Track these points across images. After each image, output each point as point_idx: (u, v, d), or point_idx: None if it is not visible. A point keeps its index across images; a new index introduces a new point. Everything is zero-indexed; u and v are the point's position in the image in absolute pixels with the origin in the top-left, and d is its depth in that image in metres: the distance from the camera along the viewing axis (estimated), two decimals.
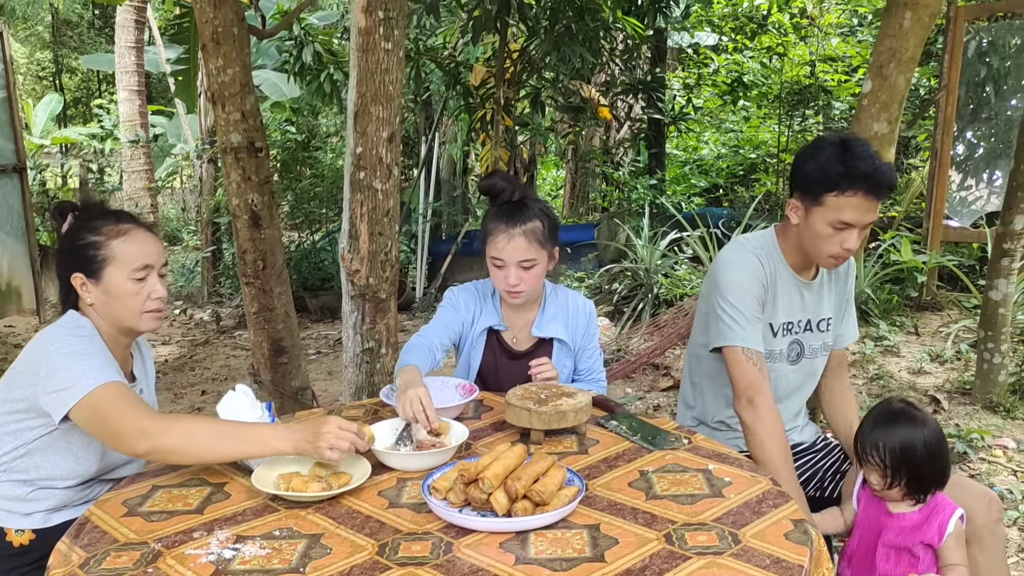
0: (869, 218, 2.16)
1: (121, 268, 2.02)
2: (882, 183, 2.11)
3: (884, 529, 2.11)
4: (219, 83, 3.60)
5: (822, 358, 2.48)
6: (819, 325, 2.44)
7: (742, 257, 2.34)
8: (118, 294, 2.03)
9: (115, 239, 2.03)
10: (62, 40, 20.37)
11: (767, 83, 9.36)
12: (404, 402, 2.00)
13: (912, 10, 2.97)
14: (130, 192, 10.39)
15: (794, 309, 2.39)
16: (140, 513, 1.70)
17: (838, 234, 2.17)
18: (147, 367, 2.29)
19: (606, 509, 1.69)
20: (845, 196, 2.12)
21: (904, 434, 2.04)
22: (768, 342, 2.37)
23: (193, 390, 5.82)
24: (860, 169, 2.09)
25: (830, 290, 2.46)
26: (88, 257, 2.02)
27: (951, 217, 7.06)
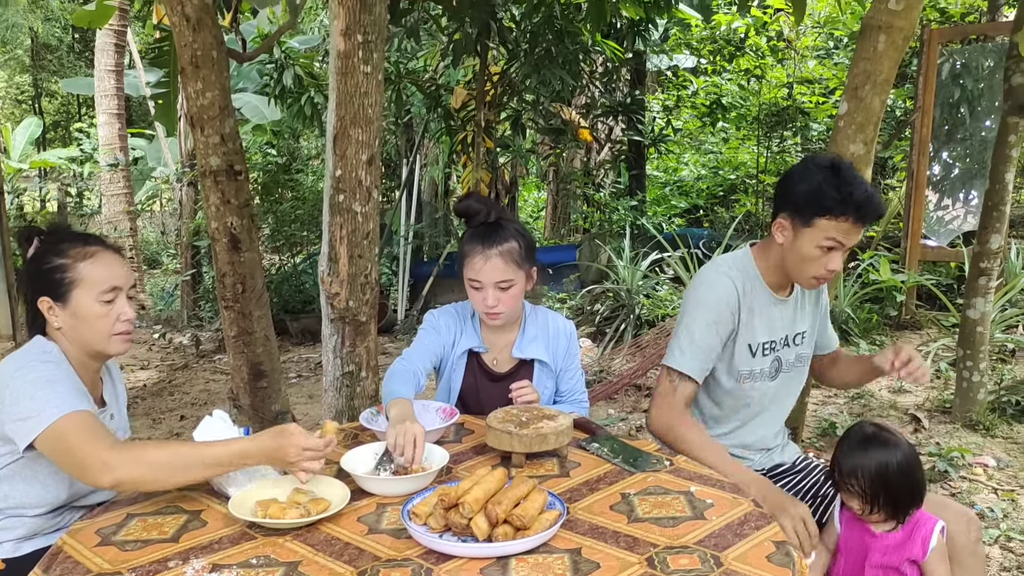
0: (853, 241, 2.21)
1: (89, 291, 2.00)
2: (874, 212, 2.17)
3: (870, 550, 2.11)
4: (198, 106, 3.59)
5: (797, 370, 2.51)
6: (795, 339, 2.47)
7: (715, 279, 2.37)
8: (86, 317, 2.01)
9: (82, 261, 2.01)
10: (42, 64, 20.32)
11: (745, 105, 9.45)
12: (397, 433, 1.95)
13: (886, 33, 3.01)
14: (109, 216, 10.33)
15: (773, 328, 2.41)
16: (114, 542, 1.67)
17: (824, 255, 2.21)
18: (118, 391, 2.27)
19: (588, 533, 1.67)
20: (837, 221, 2.15)
21: (878, 458, 2.06)
22: (747, 362, 2.39)
23: (172, 415, 5.76)
24: (855, 197, 2.13)
25: (803, 304, 2.48)
26: (55, 280, 2.00)
27: (928, 237, 7.13)
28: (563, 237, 11.24)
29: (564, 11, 6.31)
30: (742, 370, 2.40)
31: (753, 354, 2.39)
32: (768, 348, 2.41)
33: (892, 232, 8.01)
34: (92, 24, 7.05)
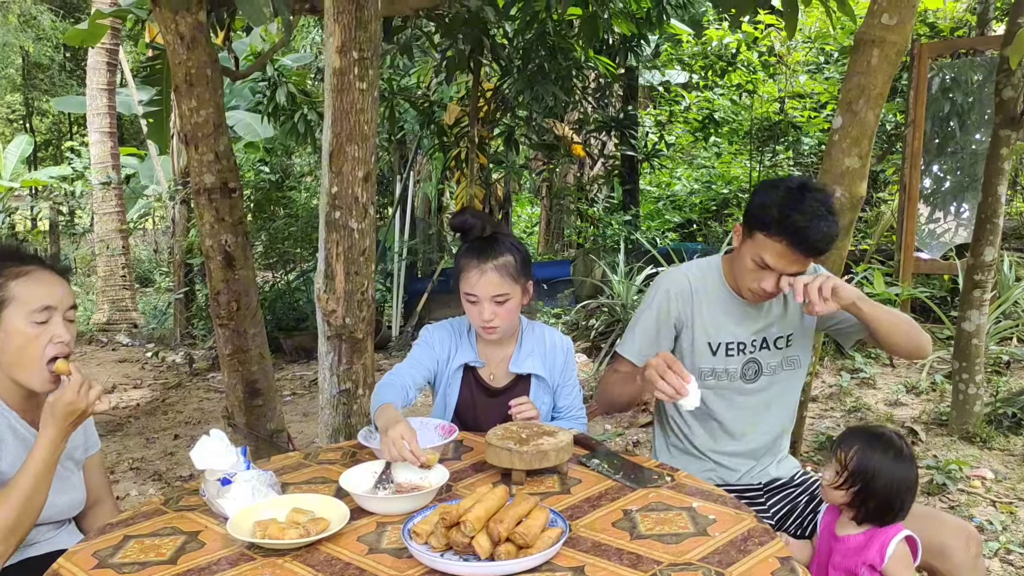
0: (791, 268, 2.18)
1: (19, 309, 1.91)
2: (806, 241, 2.12)
3: (832, 551, 2.10)
4: (192, 124, 3.58)
5: (785, 372, 2.49)
6: (776, 343, 2.45)
7: (669, 276, 2.49)
8: (15, 339, 1.91)
9: (14, 280, 1.92)
10: (33, 83, 20.30)
11: (737, 119, 9.50)
12: (387, 443, 1.96)
13: (880, 47, 3.02)
14: (102, 234, 10.30)
15: (738, 330, 2.42)
16: (111, 565, 1.64)
17: (758, 271, 2.23)
18: None
19: (590, 550, 1.66)
20: (771, 239, 2.16)
21: (879, 459, 2.00)
22: (707, 360, 2.44)
23: (166, 434, 5.72)
24: (792, 220, 2.11)
25: (785, 306, 2.45)
26: None
27: (921, 249, 7.15)
28: (557, 252, 11.25)
29: (557, 27, 6.34)
30: (702, 367, 2.43)
31: (714, 352, 2.42)
32: (734, 349, 2.42)
33: (885, 245, 8.04)
34: (84, 43, 7.04)
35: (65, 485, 2.09)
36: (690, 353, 2.44)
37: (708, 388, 2.43)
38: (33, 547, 2.05)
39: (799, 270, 2.20)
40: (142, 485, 4.73)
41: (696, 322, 2.41)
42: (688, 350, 2.45)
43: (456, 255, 2.47)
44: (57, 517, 2.09)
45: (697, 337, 2.42)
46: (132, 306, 10.47)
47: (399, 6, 4.27)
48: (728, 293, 2.42)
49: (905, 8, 3.00)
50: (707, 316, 2.41)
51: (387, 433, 1.98)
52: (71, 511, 2.14)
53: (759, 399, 2.49)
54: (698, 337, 2.42)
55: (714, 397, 2.46)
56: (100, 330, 9.97)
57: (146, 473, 4.93)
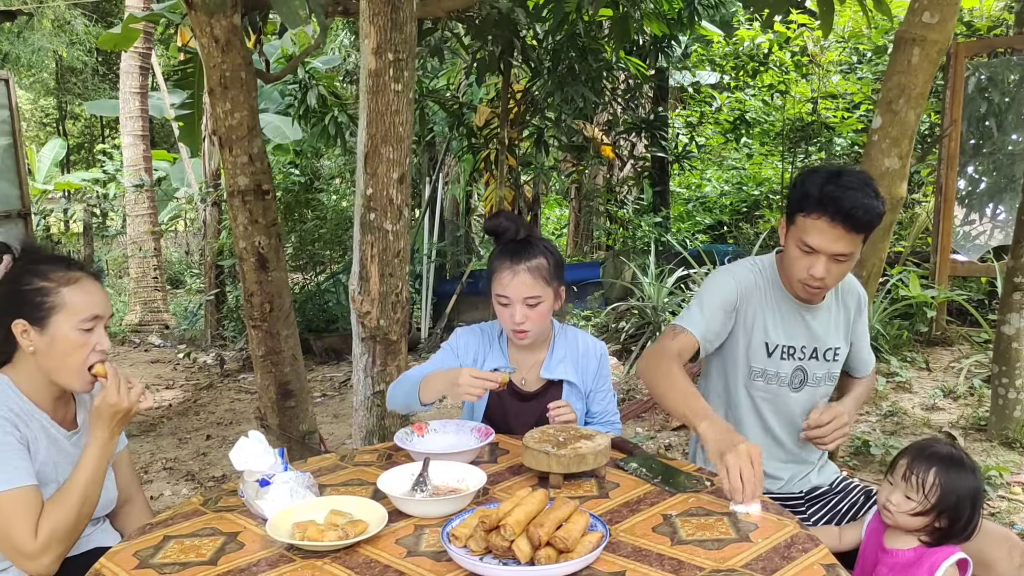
0: (835, 247, 2.14)
1: (69, 318, 1.94)
2: (843, 211, 2.09)
3: (879, 564, 2.06)
4: (227, 127, 3.60)
5: (825, 387, 2.47)
6: (825, 354, 2.42)
7: (735, 267, 2.44)
8: (62, 345, 1.94)
9: (65, 286, 1.94)
10: (66, 87, 20.59)
11: (769, 120, 9.40)
12: (464, 390, 2.15)
13: (921, 46, 2.97)
14: (134, 236, 10.42)
15: (795, 334, 2.38)
16: (152, 565, 1.65)
17: (805, 257, 2.19)
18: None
19: (631, 555, 1.64)
20: (811, 218, 2.14)
21: (963, 481, 1.96)
22: (762, 360, 2.39)
23: (198, 435, 5.76)
24: (829, 194, 2.10)
25: (838, 320, 2.44)
26: (34, 303, 1.92)
27: (957, 252, 7.04)
28: (586, 254, 11.22)
29: (587, 29, 6.31)
30: (755, 366, 2.40)
31: (769, 353, 2.38)
32: (787, 353, 2.39)
33: (920, 247, 7.93)
34: (117, 47, 7.13)
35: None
36: (745, 350, 2.39)
37: (757, 390, 2.41)
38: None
39: (845, 249, 2.14)
40: (175, 485, 4.76)
41: (756, 319, 2.37)
42: (743, 346, 2.39)
43: (489, 257, 2.47)
44: (91, 519, 2.10)
45: (755, 335, 2.37)
46: (164, 307, 10.57)
47: (431, 8, 4.27)
48: (784, 294, 2.39)
49: (947, 6, 2.95)
50: (767, 315, 2.37)
51: (458, 383, 2.14)
52: (104, 509, 2.15)
53: (801, 408, 2.45)
54: (756, 335, 2.37)
55: (764, 401, 2.43)
56: (132, 331, 10.08)
57: (179, 473, 4.97)
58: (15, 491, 1.83)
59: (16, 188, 6.72)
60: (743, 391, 2.43)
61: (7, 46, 16.02)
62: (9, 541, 1.82)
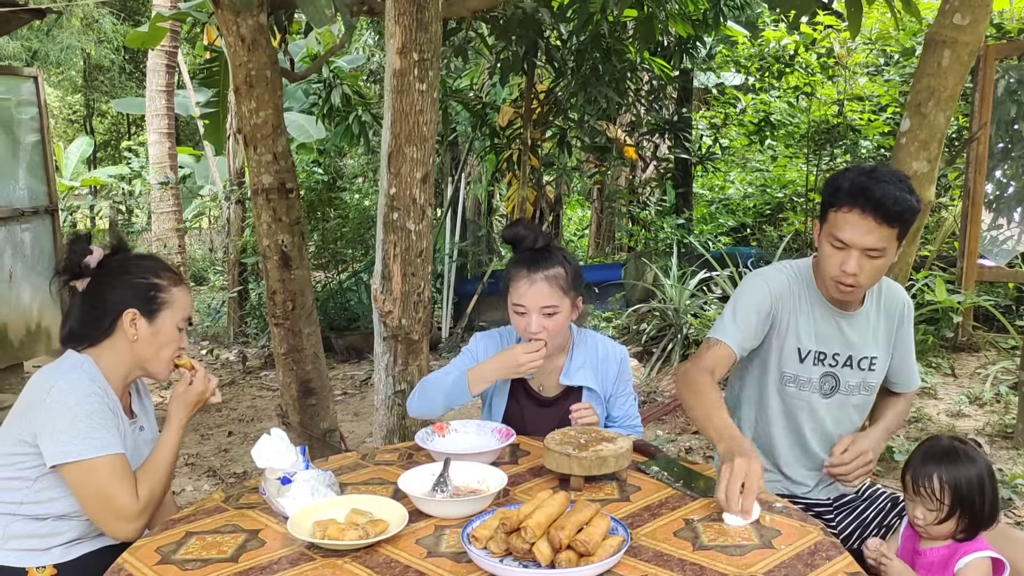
0: (866, 240, 2.10)
1: (174, 315, 2.14)
2: (874, 201, 2.07)
3: (916, 566, 2.04)
4: (252, 125, 3.62)
5: (860, 396, 2.41)
6: (860, 363, 2.37)
7: (768, 271, 2.40)
8: (163, 338, 2.12)
9: (175, 287, 2.15)
10: (94, 84, 20.80)
11: (794, 122, 9.32)
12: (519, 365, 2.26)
13: (951, 48, 2.94)
14: (158, 233, 10.49)
15: (829, 340, 2.34)
16: (174, 561, 1.66)
17: (837, 254, 2.16)
18: (145, 404, 2.32)
19: (652, 560, 1.63)
20: (842, 212, 2.12)
21: (966, 471, 1.98)
22: (793, 366, 2.35)
23: (220, 431, 5.80)
24: (858, 185, 2.09)
25: (877, 328, 2.38)
26: (149, 297, 2.10)
27: (985, 256, 6.95)
28: (608, 255, 11.18)
29: (612, 29, 6.29)
30: (787, 371, 2.36)
31: (802, 359, 2.34)
32: (819, 359, 2.35)
33: (947, 252, 7.83)
34: (145, 45, 7.20)
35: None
36: (777, 354, 2.36)
37: (789, 396, 2.38)
38: (92, 540, 2.09)
39: (877, 243, 2.10)
40: (197, 481, 4.79)
41: (790, 324, 2.33)
42: (776, 351, 2.36)
43: (507, 266, 2.46)
44: None
45: (788, 340, 2.34)
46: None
47: (456, 8, 4.27)
48: (819, 298, 2.34)
49: (978, 8, 2.91)
50: (802, 319, 2.33)
51: (519, 364, 2.27)
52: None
53: (832, 416, 2.41)
54: (789, 340, 2.34)
55: (796, 407, 2.39)
56: None
57: (201, 469, 5.00)
58: (114, 456, 1.95)
59: (44, 184, 6.80)
60: (775, 396, 2.40)
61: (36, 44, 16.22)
62: (111, 502, 1.93)
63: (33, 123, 6.75)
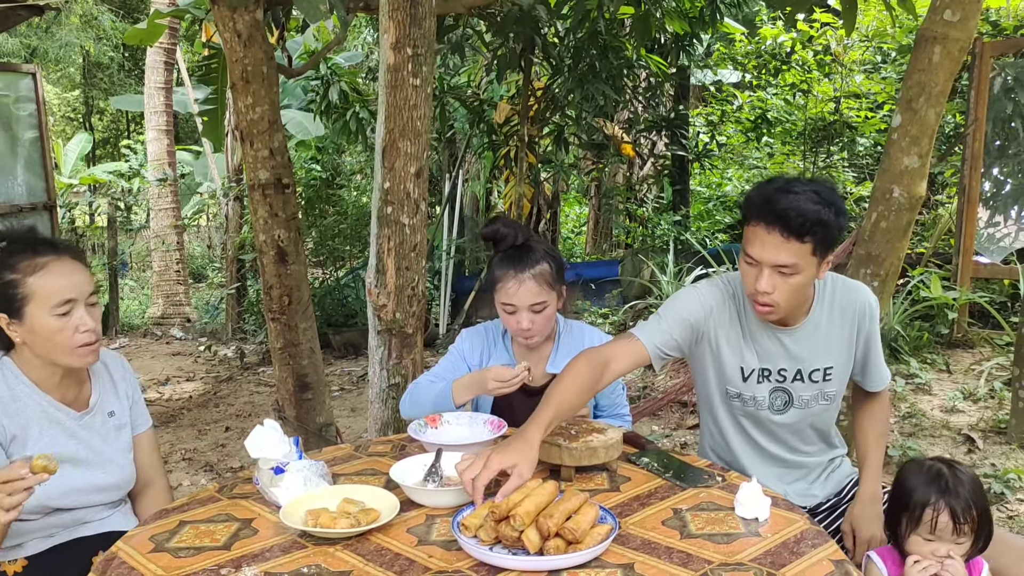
0: (775, 257, 2.00)
1: (42, 305, 1.93)
2: (775, 213, 1.96)
3: None
4: (248, 120, 3.64)
5: (820, 406, 2.30)
6: (811, 375, 2.25)
7: (703, 287, 2.28)
8: (42, 332, 1.95)
9: (32, 275, 1.93)
10: (92, 82, 20.79)
11: (791, 119, 9.35)
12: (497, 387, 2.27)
13: (942, 44, 2.96)
14: (157, 230, 10.52)
15: (772, 356, 2.23)
16: (167, 549, 1.68)
17: (751, 270, 2.07)
18: (119, 389, 2.23)
19: (640, 548, 1.65)
20: (751, 226, 2.04)
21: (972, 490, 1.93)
22: (737, 384, 2.26)
23: (217, 426, 5.82)
24: (766, 197, 2.00)
25: (829, 336, 2.25)
26: (7, 296, 1.93)
27: (980, 253, 6.98)
28: (605, 252, 11.20)
29: (608, 26, 6.31)
30: (730, 389, 2.28)
31: (745, 378, 2.25)
32: (763, 375, 2.25)
33: (942, 249, 7.86)
34: (143, 42, 7.19)
35: (110, 466, 2.13)
36: (717, 371, 2.28)
37: (736, 411, 2.31)
38: (86, 526, 2.11)
39: (786, 260, 1.99)
40: (194, 475, 4.81)
41: (727, 341, 2.24)
42: (713, 369, 2.28)
43: (490, 266, 2.48)
44: (107, 499, 2.15)
45: (726, 358, 2.25)
46: (186, 301, 10.67)
47: (452, 4, 4.29)
48: (756, 318, 2.23)
49: (968, 4, 2.93)
50: (740, 337, 2.24)
51: (487, 389, 2.28)
52: (122, 490, 2.19)
53: (791, 429, 2.32)
54: (727, 358, 2.25)
55: (745, 422, 2.32)
56: (155, 324, 10.18)
57: (198, 464, 5.02)
58: None
59: (42, 181, 6.82)
60: (722, 408, 2.34)
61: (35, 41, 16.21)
62: None
63: (32, 119, 6.77)
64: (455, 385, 2.40)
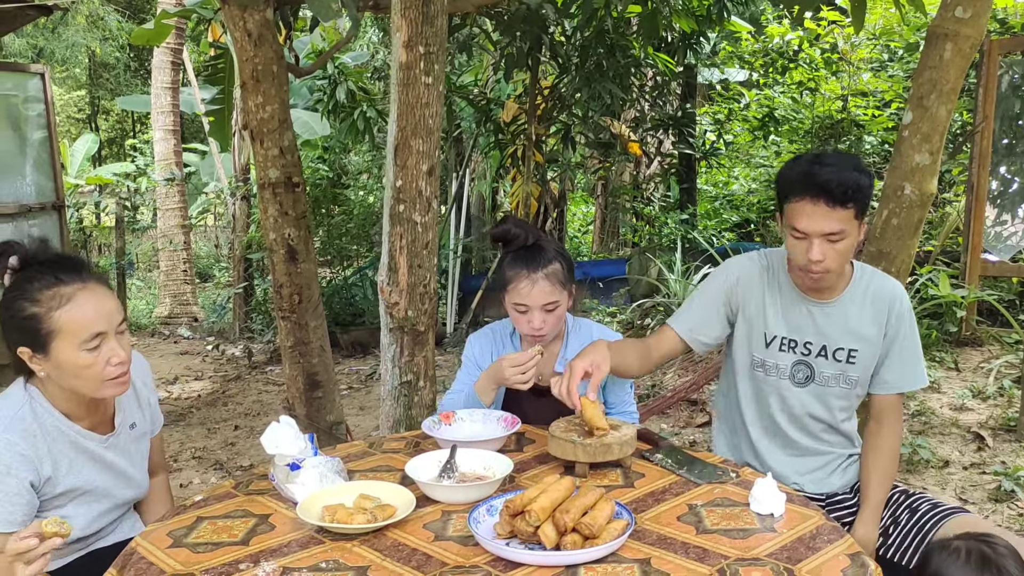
0: (823, 226, 2.10)
1: (70, 341, 1.80)
2: (819, 185, 2.07)
3: None
4: (258, 120, 3.64)
5: (840, 389, 2.33)
6: (835, 354, 2.30)
7: (734, 261, 2.45)
8: (71, 368, 1.83)
9: (58, 309, 1.80)
10: (98, 82, 20.83)
11: (798, 118, 9.34)
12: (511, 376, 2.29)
13: (953, 41, 2.95)
14: (164, 229, 10.54)
15: (800, 328, 2.32)
16: (186, 544, 1.69)
17: (799, 243, 2.16)
18: (140, 398, 2.17)
19: (656, 543, 1.65)
20: (794, 202, 2.14)
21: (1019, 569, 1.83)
22: (761, 350, 2.36)
23: (226, 425, 5.83)
24: (804, 173, 2.11)
25: (860, 321, 2.28)
26: (31, 331, 1.81)
27: (989, 251, 6.96)
28: (612, 251, 11.20)
29: (616, 25, 6.31)
30: (755, 356, 2.37)
31: (767, 344, 2.35)
32: (787, 345, 2.33)
33: (950, 247, 7.85)
34: (150, 42, 7.22)
35: (132, 482, 2.13)
36: (747, 340, 2.38)
37: (757, 380, 2.39)
38: (100, 540, 2.10)
39: (834, 227, 2.09)
40: (204, 474, 4.82)
41: (755, 310, 2.35)
42: (744, 334, 2.38)
43: (500, 265, 2.48)
44: (125, 509, 2.15)
45: (755, 325, 2.36)
46: (193, 300, 10.69)
47: (461, 3, 4.29)
48: (791, 287, 2.33)
49: (980, 1, 2.93)
50: (768, 305, 2.34)
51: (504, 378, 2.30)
52: (136, 500, 2.21)
53: (805, 404, 2.35)
54: (756, 325, 2.35)
55: (765, 391, 2.38)
56: (162, 323, 10.21)
57: (208, 462, 5.03)
58: None
59: (51, 181, 6.83)
60: (746, 379, 2.42)
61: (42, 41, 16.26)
62: None
63: (40, 119, 6.78)
64: (476, 388, 2.42)
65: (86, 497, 1.99)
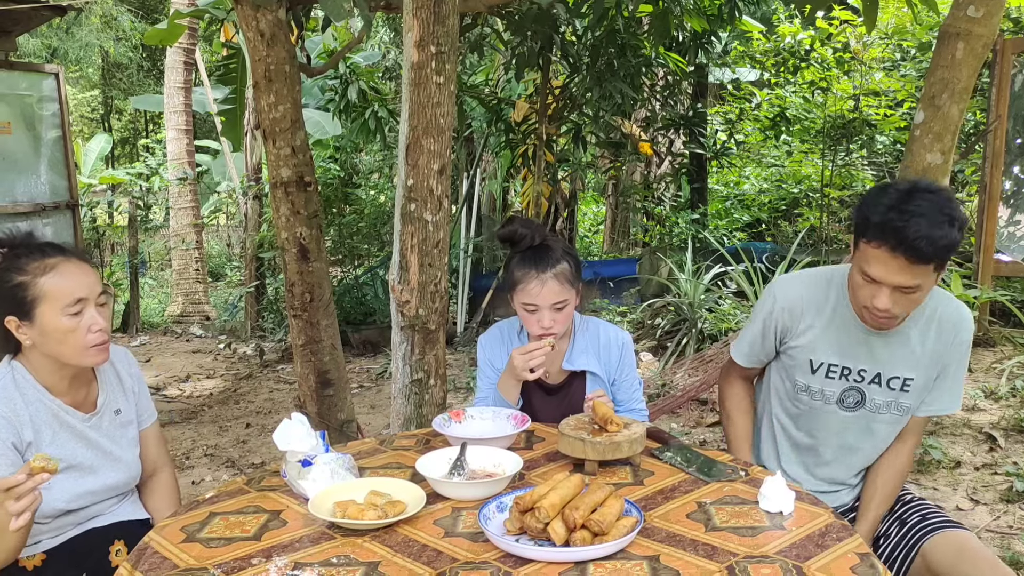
0: (898, 279, 1.94)
1: (53, 306, 1.94)
2: (905, 242, 1.88)
3: None
4: (271, 119, 3.66)
5: (890, 416, 2.26)
6: (890, 382, 2.21)
7: (784, 281, 2.37)
8: (54, 333, 1.95)
9: (42, 276, 1.95)
10: (112, 82, 20.94)
11: (810, 117, 9.31)
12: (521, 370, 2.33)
13: (965, 40, 2.95)
14: (176, 228, 10.60)
15: (855, 356, 2.22)
16: (199, 539, 1.70)
17: (867, 286, 2.02)
18: (126, 385, 2.25)
19: (665, 540, 1.66)
20: (871, 246, 1.95)
21: None
22: (805, 376, 2.29)
23: (238, 423, 5.86)
24: (891, 222, 1.90)
25: (922, 350, 2.19)
26: (17, 299, 1.94)
27: (1001, 251, 6.93)
28: (623, 251, 11.20)
29: (627, 25, 6.30)
30: (798, 380, 2.31)
31: (813, 371, 2.27)
32: (837, 372, 2.25)
33: (964, 247, 7.81)
34: (163, 42, 7.26)
35: (118, 465, 2.17)
36: (790, 364, 2.32)
37: (801, 405, 2.34)
38: (97, 519, 2.14)
39: (909, 282, 1.94)
40: (216, 471, 4.85)
41: (800, 337, 2.27)
42: (788, 361, 2.33)
43: (508, 266, 2.49)
44: (115, 492, 2.18)
45: (800, 352, 2.28)
46: (205, 299, 10.75)
47: (472, 3, 4.30)
48: (849, 312, 2.20)
49: (992, 0, 2.92)
50: (816, 333, 2.25)
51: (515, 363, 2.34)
52: (127, 485, 2.23)
53: (850, 435, 2.31)
54: (801, 352, 2.28)
55: (807, 415, 2.34)
56: (174, 322, 10.27)
57: (219, 460, 5.06)
58: None
59: (65, 180, 6.88)
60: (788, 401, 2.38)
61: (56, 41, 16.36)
62: None
63: (54, 119, 6.83)
64: (499, 388, 2.46)
65: (71, 472, 2.04)
